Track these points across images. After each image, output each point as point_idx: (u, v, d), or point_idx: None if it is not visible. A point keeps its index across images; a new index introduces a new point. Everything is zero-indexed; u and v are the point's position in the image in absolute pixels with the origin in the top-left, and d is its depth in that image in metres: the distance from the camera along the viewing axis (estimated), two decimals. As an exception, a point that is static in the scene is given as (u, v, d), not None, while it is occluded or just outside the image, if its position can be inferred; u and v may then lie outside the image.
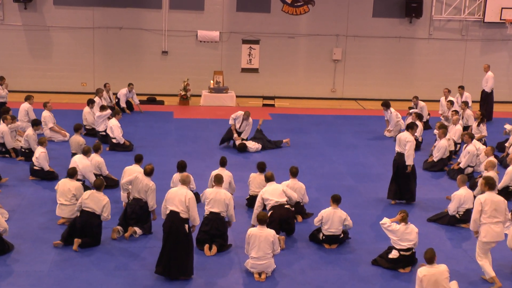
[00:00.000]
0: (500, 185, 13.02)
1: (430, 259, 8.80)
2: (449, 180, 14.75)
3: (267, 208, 11.13)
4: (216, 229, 10.54)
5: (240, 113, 16.78)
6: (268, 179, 11.37)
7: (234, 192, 12.56)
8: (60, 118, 17.80)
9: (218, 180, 10.78)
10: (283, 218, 10.93)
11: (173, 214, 9.61)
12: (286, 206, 11.13)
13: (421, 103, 19.38)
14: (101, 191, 10.70)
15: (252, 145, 16.52)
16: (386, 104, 18.54)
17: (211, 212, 10.63)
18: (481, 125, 16.87)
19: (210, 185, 12.47)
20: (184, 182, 9.86)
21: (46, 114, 16.61)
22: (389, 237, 10.16)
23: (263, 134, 16.98)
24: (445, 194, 13.32)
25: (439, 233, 11.69)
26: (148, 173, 11.18)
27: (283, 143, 17.14)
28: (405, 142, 12.51)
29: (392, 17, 23.73)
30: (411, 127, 12.71)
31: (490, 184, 9.68)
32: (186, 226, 9.63)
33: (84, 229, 10.43)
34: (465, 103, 18.44)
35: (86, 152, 12.79)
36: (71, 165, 12.37)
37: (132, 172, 11.51)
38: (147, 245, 10.72)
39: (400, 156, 12.70)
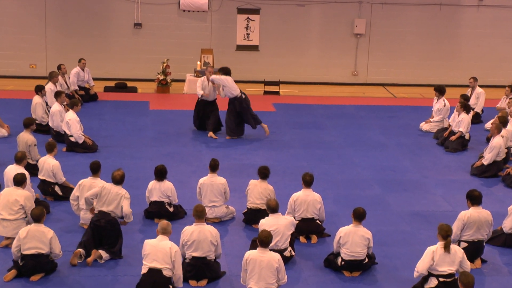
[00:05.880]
0: None
1: (470, 285, 8.83)
2: (505, 189, 14.81)
3: None
4: (203, 275, 10.51)
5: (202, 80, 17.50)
6: (273, 209, 11.08)
7: (227, 201, 12.69)
8: (2, 110, 17.81)
9: (199, 214, 10.47)
10: None
11: (154, 273, 9.60)
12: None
13: (478, 89, 19.44)
14: (42, 222, 10.45)
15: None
16: (440, 90, 18.54)
17: (193, 257, 10.45)
18: None
19: (198, 197, 12.54)
20: (165, 231, 9.79)
21: None
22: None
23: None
24: (500, 207, 13.35)
25: (492, 256, 11.70)
26: (118, 180, 11.21)
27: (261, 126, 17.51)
28: (490, 224, 11.41)
29: (430, -21, 23.80)
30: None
31: None
32: (171, 287, 9.68)
33: (35, 272, 10.39)
34: None
35: (19, 160, 12.44)
36: (5, 179, 12.35)
37: (93, 187, 11.53)
38: (117, 273, 10.73)
39: (475, 247, 11.35)
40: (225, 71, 17.40)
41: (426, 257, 10.10)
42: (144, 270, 9.70)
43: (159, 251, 9.67)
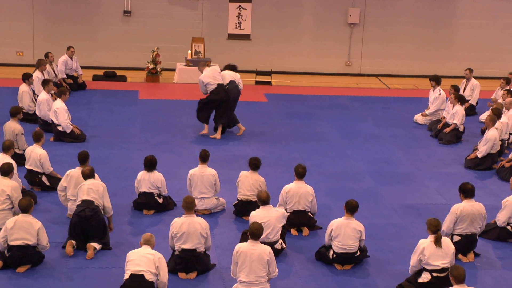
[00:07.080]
0: None
1: (461, 278, 8.89)
2: (499, 182, 14.88)
3: None
4: (192, 268, 10.53)
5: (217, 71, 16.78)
6: (263, 201, 11.10)
7: (218, 192, 12.70)
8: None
9: (189, 206, 10.51)
10: None
11: (136, 278, 9.48)
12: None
13: (473, 81, 19.50)
14: (30, 213, 10.45)
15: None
16: (436, 80, 18.57)
17: (183, 250, 10.48)
18: None
19: (188, 188, 12.56)
20: (148, 243, 9.74)
21: None
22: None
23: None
24: (494, 200, 13.40)
25: (485, 250, 11.76)
26: (88, 175, 11.30)
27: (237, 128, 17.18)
28: (483, 217, 11.34)
29: (426, -32, 23.83)
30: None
31: None
32: None
33: (22, 263, 10.39)
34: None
35: (6, 149, 12.43)
36: None
37: (79, 180, 11.56)
38: (105, 265, 10.74)
39: (468, 240, 11.39)
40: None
41: (416, 251, 10.17)
42: (126, 276, 9.57)
43: (142, 257, 9.59)
